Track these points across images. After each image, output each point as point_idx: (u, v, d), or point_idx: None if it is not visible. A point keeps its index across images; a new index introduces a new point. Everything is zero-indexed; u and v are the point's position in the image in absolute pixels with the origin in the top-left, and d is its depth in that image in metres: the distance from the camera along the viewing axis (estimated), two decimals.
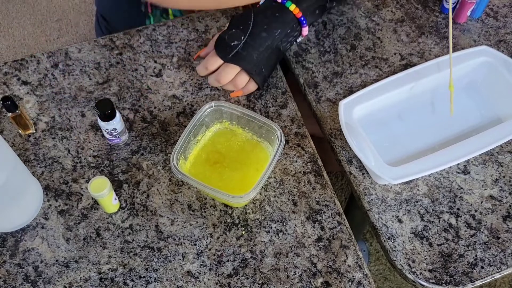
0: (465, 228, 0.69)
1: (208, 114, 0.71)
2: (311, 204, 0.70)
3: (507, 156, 0.75)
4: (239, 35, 0.75)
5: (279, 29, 0.76)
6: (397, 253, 0.67)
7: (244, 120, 0.71)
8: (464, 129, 0.77)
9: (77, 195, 0.71)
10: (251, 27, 0.76)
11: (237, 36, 0.75)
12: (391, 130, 0.78)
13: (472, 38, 0.87)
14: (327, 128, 0.78)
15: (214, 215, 0.69)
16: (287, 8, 0.77)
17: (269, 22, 0.76)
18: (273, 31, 0.76)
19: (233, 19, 0.79)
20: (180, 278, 0.65)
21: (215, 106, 0.71)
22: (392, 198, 0.71)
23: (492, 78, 0.79)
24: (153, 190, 0.71)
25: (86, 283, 0.64)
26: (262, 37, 0.75)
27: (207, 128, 0.73)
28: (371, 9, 0.91)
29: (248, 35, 0.75)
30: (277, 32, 0.76)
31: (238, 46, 0.75)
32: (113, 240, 0.67)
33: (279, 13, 0.76)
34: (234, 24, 0.78)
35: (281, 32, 0.76)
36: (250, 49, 0.75)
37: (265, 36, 0.75)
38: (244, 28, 0.76)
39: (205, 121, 0.72)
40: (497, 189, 0.72)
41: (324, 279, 0.65)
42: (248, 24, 0.76)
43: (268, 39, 0.76)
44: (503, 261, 0.66)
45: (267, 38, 0.76)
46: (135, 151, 0.75)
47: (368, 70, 0.83)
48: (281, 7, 0.77)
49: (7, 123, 0.77)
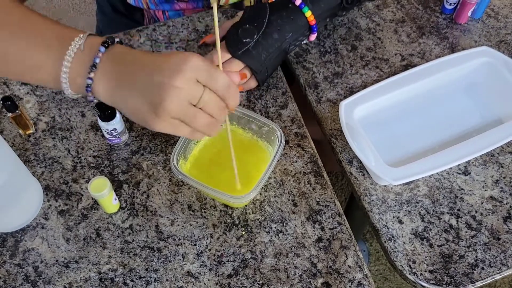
0: (466, 229, 0.69)
1: None
2: (311, 204, 0.70)
3: (507, 157, 0.74)
4: (252, 32, 0.74)
5: (291, 32, 0.76)
6: (398, 254, 0.67)
7: (244, 120, 0.71)
8: (465, 130, 0.77)
9: (77, 195, 0.71)
10: (265, 26, 0.74)
11: (251, 33, 0.74)
12: (391, 131, 0.78)
13: (473, 38, 0.87)
14: (328, 128, 0.78)
15: (214, 215, 0.69)
16: (302, 14, 0.76)
17: (282, 24, 0.75)
18: (285, 34, 0.75)
19: (248, 11, 0.77)
20: (180, 279, 0.65)
21: None
22: (393, 198, 0.71)
23: (492, 78, 0.79)
24: (153, 190, 0.71)
25: (86, 283, 0.64)
26: (274, 38, 0.75)
27: None
28: (371, 10, 0.91)
29: (261, 34, 0.74)
30: (289, 35, 0.75)
31: (250, 44, 0.74)
32: (113, 240, 0.67)
33: (294, 17, 0.75)
34: (248, 18, 0.76)
35: (292, 35, 0.76)
36: (261, 49, 0.74)
37: (277, 38, 0.75)
38: (258, 26, 0.74)
39: None
40: (498, 190, 0.72)
41: (324, 279, 0.65)
42: (262, 22, 0.75)
43: (278, 41, 0.75)
44: (503, 262, 0.66)
45: (278, 40, 0.75)
46: (135, 151, 0.74)
47: (369, 71, 0.83)
48: (296, 11, 0.76)
49: (7, 123, 0.77)
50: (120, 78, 0.51)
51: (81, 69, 0.51)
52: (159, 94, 0.49)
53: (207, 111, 0.52)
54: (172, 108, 0.50)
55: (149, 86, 0.50)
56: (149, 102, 0.50)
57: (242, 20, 0.76)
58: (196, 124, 0.52)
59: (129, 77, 0.51)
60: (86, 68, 0.51)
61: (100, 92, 0.52)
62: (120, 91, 0.51)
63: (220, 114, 0.54)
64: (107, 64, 0.51)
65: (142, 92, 0.50)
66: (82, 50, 0.51)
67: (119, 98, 0.51)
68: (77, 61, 0.51)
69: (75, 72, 0.51)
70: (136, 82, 0.50)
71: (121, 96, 0.51)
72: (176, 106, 0.50)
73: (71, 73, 0.51)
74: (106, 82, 0.51)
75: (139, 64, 0.51)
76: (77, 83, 0.52)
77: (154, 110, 0.50)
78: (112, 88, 0.51)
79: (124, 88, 0.51)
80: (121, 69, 0.51)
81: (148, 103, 0.50)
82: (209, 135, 0.55)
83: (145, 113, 0.51)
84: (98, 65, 0.51)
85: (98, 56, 0.50)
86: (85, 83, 0.51)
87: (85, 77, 0.51)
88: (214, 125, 0.54)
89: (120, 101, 0.52)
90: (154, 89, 0.50)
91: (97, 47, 0.51)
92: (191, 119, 0.52)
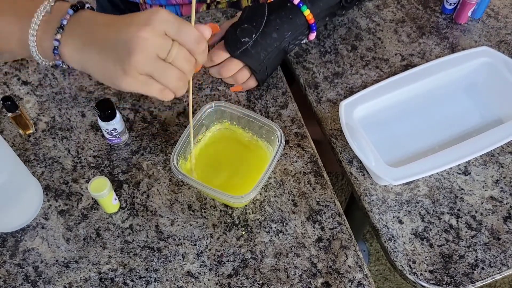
0: (466, 229, 0.69)
1: (208, 114, 0.71)
2: (311, 204, 0.70)
3: (507, 157, 0.74)
4: (251, 32, 0.74)
5: (290, 31, 0.76)
6: (398, 254, 0.67)
7: (244, 120, 0.71)
8: (465, 130, 0.77)
9: (77, 195, 0.71)
10: (264, 25, 0.75)
11: (249, 32, 0.74)
12: (391, 131, 0.78)
13: (473, 38, 0.87)
14: (328, 128, 0.78)
15: (214, 215, 0.69)
16: (301, 12, 0.76)
17: (281, 24, 0.75)
18: (284, 33, 0.75)
19: (246, 11, 0.77)
20: (180, 279, 0.65)
21: (216, 106, 0.71)
22: (393, 199, 0.71)
23: (492, 78, 0.79)
24: (153, 190, 0.71)
25: (86, 283, 0.64)
26: (273, 38, 0.75)
27: (207, 129, 0.73)
28: (371, 10, 0.91)
29: (259, 33, 0.74)
30: (288, 34, 0.76)
31: (248, 43, 0.74)
32: (113, 240, 0.67)
33: (292, 16, 0.76)
34: (247, 17, 0.76)
35: (291, 35, 0.76)
36: (259, 48, 0.75)
37: (275, 37, 0.75)
38: (257, 25, 0.75)
39: (205, 121, 0.72)
40: (498, 190, 0.72)
41: (324, 279, 0.65)
42: (261, 21, 0.75)
43: (277, 40, 0.75)
44: (503, 262, 0.66)
45: (276, 39, 0.75)
46: (135, 151, 0.74)
47: (369, 71, 0.83)
48: (295, 10, 0.76)
49: (7, 123, 0.77)
50: (88, 38, 0.50)
51: (48, 31, 0.50)
52: (126, 48, 0.48)
53: (176, 65, 0.51)
54: (139, 61, 0.48)
55: (116, 42, 0.49)
56: (117, 59, 0.48)
57: (240, 20, 0.76)
58: (165, 80, 0.51)
59: (97, 36, 0.50)
60: (53, 30, 0.50)
61: (67, 54, 0.50)
62: (88, 51, 0.50)
63: (189, 69, 0.52)
64: (75, 25, 0.50)
65: (110, 49, 0.49)
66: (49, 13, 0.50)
67: (87, 59, 0.50)
68: (44, 24, 0.50)
69: (42, 35, 0.50)
70: (104, 41, 0.49)
71: (89, 56, 0.50)
72: (144, 58, 0.48)
73: (39, 36, 0.50)
74: (74, 44, 0.50)
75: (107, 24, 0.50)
76: (44, 46, 0.51)
77: (122, 66, 0.48)
78: (79, 49, 0.50)
79: (92, 48, 0.49)
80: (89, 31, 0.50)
81: (115, 60, 0.48)
82: (177, 93, 0.53)
83: (112, 70, 0.49)
84: (65, 27, 0.50)
85: (65, 18, 0.49)
86: (52, 46, 0.50)
87: (52, 39, 0.50)
88: (183, 80, 0.52)
89: (88, 62, 0.50)
90: (121, 44, 0.48)
91: (66, 10, 0.50)
92: (160, 73, 0.50)
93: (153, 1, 0.89)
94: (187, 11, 0.92)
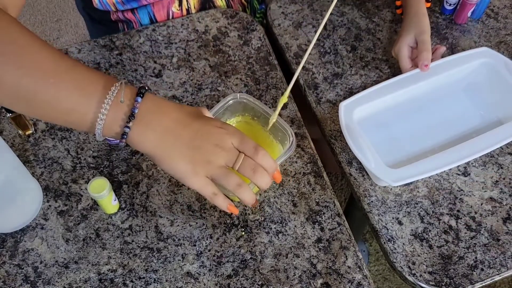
0: (465, 230, 0.69)
1: (230, 105, 0.69)
2: (311, 205, 0.70)
3: (507, 158, 0.74)
4: None
5: None
6: (397, 255, 0.67)
7: (265, 119, 0.69)
8: (464, 131, 0.77)
9: (76, 196, 0.71)
10: None
11: None
12: (391, 132, 0.78)
13: (473, 39, 0.87)
14: (327, 129, 0.78)
15: (213, 216, 0.69)
16: None
17: None
18: None
19: None
20: (180, 279, 0.65)
21: (240, 98, 0.69)
22: (392, 200, 0.71)
23: (492, 79, 0.79)
24: (152, 191, 0.71)
25: (85, 284, 0.64)
26: None
27: (228, 119, 0.72)
28: (371, 10, 0.91)
29: None
30: None
31: None
32: (112, 241, 0.67)
33: None
34: None
35: None
36: None
37: None
38: None
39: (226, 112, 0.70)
40: (497, 191, 0.72)
41: (323, 280, 0.65)
42: None
43: None
44: (503, 263, 0.66)
45: None
46: (135, 152, 0.74)
47: (369, 71, 0.83)
48: None
49: (7, 123, 0.77)
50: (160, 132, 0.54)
51: (119, 117, 0.53)
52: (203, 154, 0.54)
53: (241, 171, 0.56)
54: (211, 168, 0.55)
55: (192, 146, 0.54)
56: (189, 161, 0.54)
57: None
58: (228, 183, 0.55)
59: (170, 132, 0.54)
60: (125, 117, 0.53)
61: (136, 140, 0.54)
62: (159, 144, 0.54)
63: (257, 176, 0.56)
64: (145, 113, 0.53)
65: (185, 148, 0.54)
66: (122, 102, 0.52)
67: (158, 150, 0.54)
68: (115, 109, 0.52)
69: (113, 121, 0.53)
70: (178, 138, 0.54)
71: (161, 149, 0.54)
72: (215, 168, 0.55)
73: (108, 121, 0.52)
74: (145, 134, 0.53)
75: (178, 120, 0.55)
76: (113, 130, 0.53)
77: (193, 169, 0.54)
78: (150, 140, 0.54)
79: (165, 142, 0.54)
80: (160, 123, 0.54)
81: (188, 163, 0.54)
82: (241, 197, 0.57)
83: (183, 169, 0.54)
84: (136, 115, 0.53)
85: (136, 107, 0.52)
86: (122, 131, 0.53)
87: (123, 126, 0.53)
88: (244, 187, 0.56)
89: (158, 152, 0.54)
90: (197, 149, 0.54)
91: (134, 98, 0.53)
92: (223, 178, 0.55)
93: (124, 6, 0.87)
94: (158, 10, 0.90)
